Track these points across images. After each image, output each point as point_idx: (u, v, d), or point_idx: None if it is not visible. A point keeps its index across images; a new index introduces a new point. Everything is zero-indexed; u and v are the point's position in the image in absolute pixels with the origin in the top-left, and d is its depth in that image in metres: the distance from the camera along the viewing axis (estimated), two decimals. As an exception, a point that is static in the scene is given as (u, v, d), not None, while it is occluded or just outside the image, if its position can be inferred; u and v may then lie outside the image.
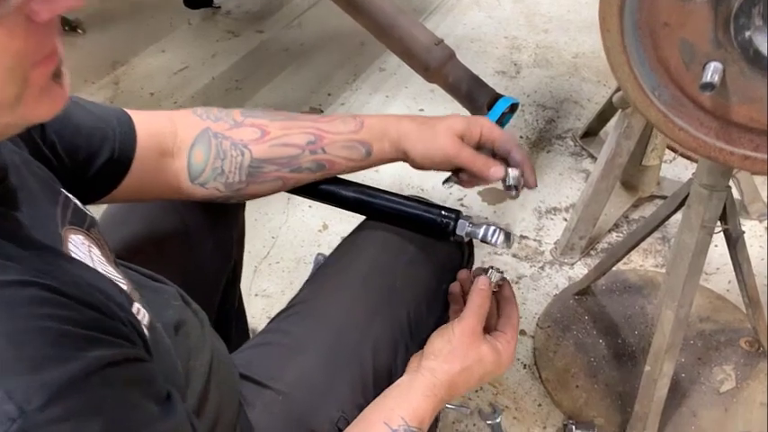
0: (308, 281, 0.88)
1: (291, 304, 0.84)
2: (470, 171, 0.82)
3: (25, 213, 0.54)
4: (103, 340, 0.46)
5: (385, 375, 0.79)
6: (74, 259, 0.56)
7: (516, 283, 1.56)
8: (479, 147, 0.83)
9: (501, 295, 0.80)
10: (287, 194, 0.90)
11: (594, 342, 1.42)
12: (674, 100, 0.66)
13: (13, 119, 0.46)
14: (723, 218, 1.11)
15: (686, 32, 0.62)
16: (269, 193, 0.86)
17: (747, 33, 0.58)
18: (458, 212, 0.83)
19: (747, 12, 0.57)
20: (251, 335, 1.38)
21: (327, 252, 1.61)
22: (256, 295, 1.58)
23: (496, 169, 0.80)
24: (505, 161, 0.83)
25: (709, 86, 0.60)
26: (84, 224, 0.63)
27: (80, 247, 0.60)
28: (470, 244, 0.90)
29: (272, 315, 1.50)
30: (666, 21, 0.61)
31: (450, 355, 0.72)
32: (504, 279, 0.79)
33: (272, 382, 0.74)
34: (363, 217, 0.93)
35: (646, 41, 0.64)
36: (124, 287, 0.62)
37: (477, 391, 1.37)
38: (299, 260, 1.65)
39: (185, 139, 0.81)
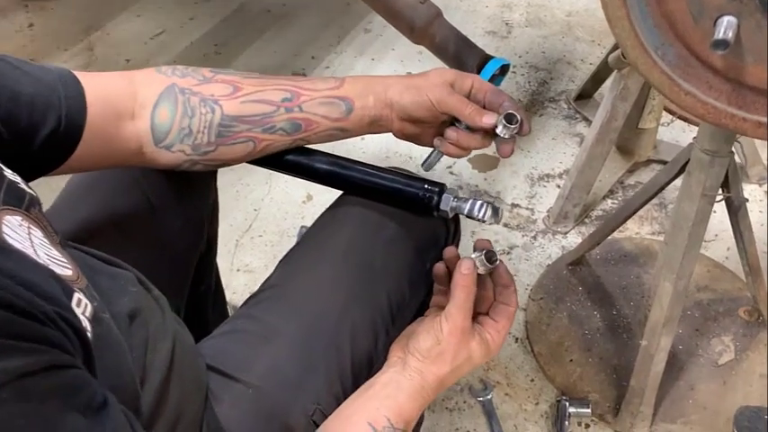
0: (281, 262, 0.81)
1: (263, 288, 0.78)
2: (461, 116, 0.74)
3: None
4: (15, 348, 0.40)
5: (365, 362, 0.74)
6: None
7: (508, 253, 1.51)
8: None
9: (498, 279, 0.72)
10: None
11: (589, 314, 1.37)
12: (680, 60, 0.59)
13: None
14: (725, 185, 1.05)
15: (696, -19, 0.54)
16: (239, 159, 0.79)
17: (767, -19, 0.51)
18: (442, 186, 0.77)
19: (768, -45, 0.50)
20: (230, 314, 1.32)
21: (311, 224, 1.57)
22: (238, 270, 1.52)
23: (489, 116, 0.73)
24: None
25: (721, 44, 0.53)
26: (22, 204, 0.57)
27: (17, 230, 0.53)
28: (456, 219, 0.84)
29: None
30: (673, -32, 0.54)
31: (440, 358, 0.67)
32: (497, 262, 0.71)
33: (242, 375, 0.68)
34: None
35: (649, -7, 0.56)
36: (68, 273, 0.56)
37: (467, 366, 1.32)
38: (283, 233, 1.59)
39: (148, 98, 0.73)
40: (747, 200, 1.10)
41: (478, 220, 0.73)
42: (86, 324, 0.51)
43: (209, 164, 0.79)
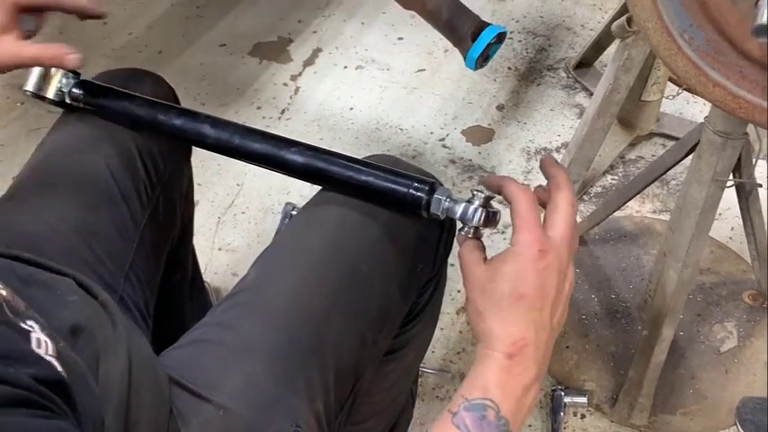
0: (257, 261, 0.74)
1: (236, 291, 0.71)
2: None
3: None
4: None
5: (350, 377, 0.68)
6: None
7: (503, 233, 1.44)
8: None
9: (510, 201, 0.62)
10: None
11: (586, 298, 1.31)
12: (710, 46, 0.51)
13: None
14: (737, 169, 0.98)
15: (735, -46, 0.46)
16: None
17: (824, -44, 0.43)
18: (432, 184, 0.68)
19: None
20: (213, 297, 1.26)
21: (298, 201, 1.50)
22: (220, 249, 1.45)
23: None
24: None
25: (763, 30, 0.45)
26: None
27: None
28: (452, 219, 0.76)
29: (238, 272, 1.40)
30: (708, -64, 0.46)
31: (478, 313, 0.59)
32: (486, 213, 0.64)
33: (212, 394, 0.62)
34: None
35: (677, -34, 0.48)
36: (2, 293, 0.49)
37: (458, 353, 1.27)
38: (267, 210, 1.52)
39: None
40: (761, 185, 1.03)
41: (473, 226, 0.65)
42: (57, 366, 0.45)
43: None
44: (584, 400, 1.15)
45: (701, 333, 1.25)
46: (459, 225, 0.68)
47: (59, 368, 0.46)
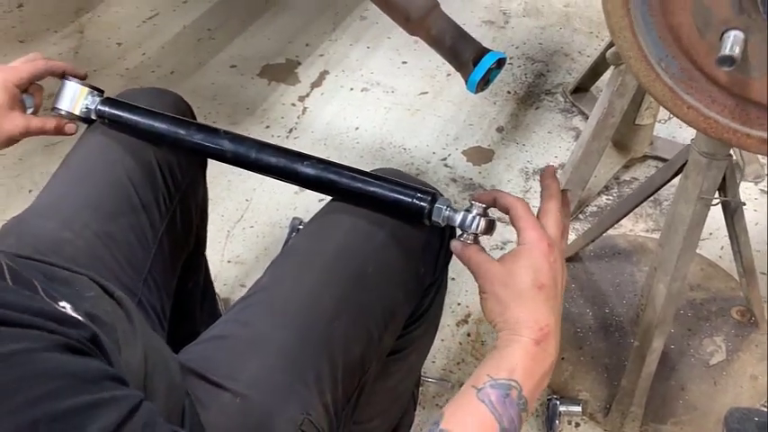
0: (271, 265, 0.80)
1: (252, 291, 0.76)
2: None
3: None
4: (99, 402, 0.42)
5: (357, 370, 0.73)
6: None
7: (502, 248, 1.50)
8: None
9: (509, 210, 0.70)
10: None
11: (581, 311, 1.37)
12: (683, 73, 0.57)
13: None
14: (722, 188, 1.04)
15: (702, -6, 0.53)
16: None
17: (777, -3, 0.49)
18: (434, 194, 0.74)
19: (779, -30, 0.48)
20: (222, 306, 1.31)
21: (304, 216, 1.56)
22: (229, 262, 1.50)
23: None
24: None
25: (727, 60, 0.51)
26: None
27: None
28: (452, 228, 0.82)
29: (246, 284, 1.46)
30: (679, -21, 0.52)
31: (501, 303, 0.65)
32: (485, 221, 0.71)
33: (230, 383, 0.67)
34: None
35: (653, 3, 0.54)
36: (37, 285, 0.54)
37: (458, 363, 1.32)
38: (275, 224, 1.58)
39: None
40: (744, 203, 1.09)
41: (473, 233, 0.71)
42: (93, 327, 0.51)
43: None
44: (578, 409, 1.20)
45: (691, 347, 1.30)
46: (458, 233, 0.74)
47: (96, 329, 0.51)
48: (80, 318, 0.51)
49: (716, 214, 1.19)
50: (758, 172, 1.61)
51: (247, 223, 1.58)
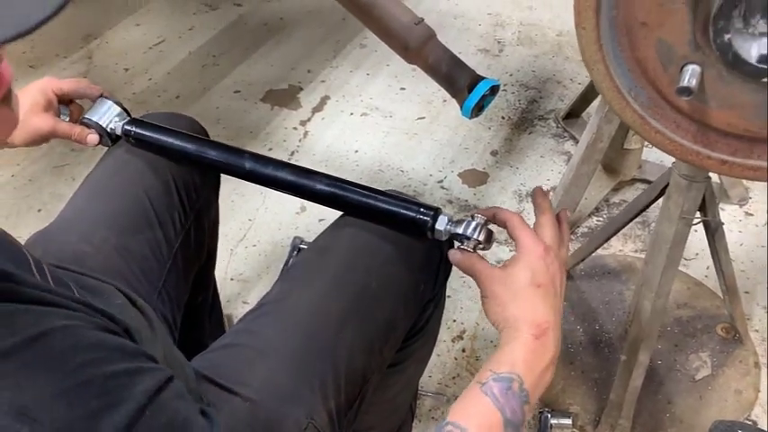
0: (280, 278, 0.85)
1: (262, 303, 0.81)
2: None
3: None
4: (140, 370, 0.48)
5: (359, 379, 0.77)
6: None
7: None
8: None
9: (506, 223, 0.76)
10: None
11: (572, 328, 1.41)
12: (650, 102, 0.64)
13: None
14: (702, 208, 1.10)
15: (664, 33, 0.59)
16: None
17: (727, 36, 0.56)
18: (437, 210, 0.80)
19: (727, 14, 0.54)
20: (226, 324, 1.36)
21: (305, 235, 1.61)
22: (232, 279, 1.55)
23: None
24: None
25: (685, 91, 0.57)
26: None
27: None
28: (450, 242, 0.87)
29: (248, 301, 1.51)
30: (644, 20, 0.58)
31: (502, 303, 0.70)
32: (486, 230, 0.77)
33: (240, 388, 0.72)
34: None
35: (623, 40, 0.61)
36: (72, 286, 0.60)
37: (453, 378, 1.36)
38: (277, 243, 1.63)
39: None
40: (723, 223, 1.14)
41: (475, 240, 0.76)
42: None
43: None
44: (569, 421, 1.24)
45: (677, 362, 1.35)
46: (456, 245, 0.79)
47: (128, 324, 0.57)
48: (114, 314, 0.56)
49: (702, 236, 1.25)
50: (742, 194, 1.67)
51: (250, 242, 1.64)
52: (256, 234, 1.65)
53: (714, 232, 1.16)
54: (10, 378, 0.43)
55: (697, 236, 1.39)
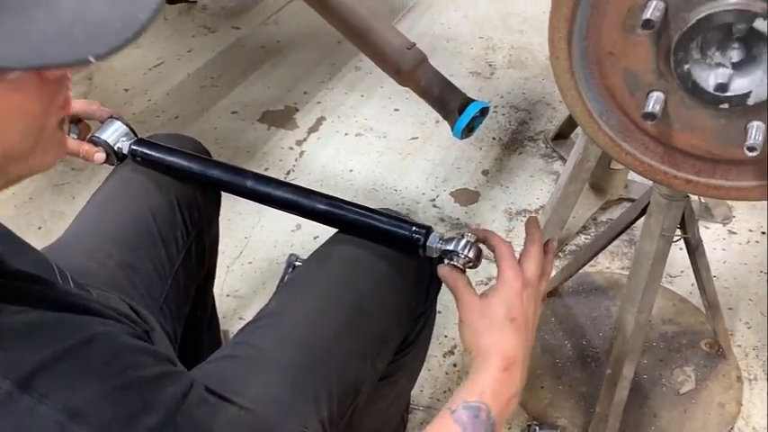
0: (276, 292, 0.89)
1: (260, 316, 0.85)
2: None
3: None
4: (168, 374, 0.52)
5: (351, 390, 0.80)
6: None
7: (486, 284, 1.59)
8: None
9: (494, 249, 0.80)
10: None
11: (560, 343, 1.45)
12: (620, 125, 0.68)
13: (23, 169, 0.48)
14: (682, 226, 1.14)
15: (630, 62, 0.64)
16: None
17: (686, 66, 0.60)
18: (428, 228, 0.84)
19: (686, 46, 0.59)
20: (223, 339, 1.39)
21: (300, 253, 1.64)
22: (228, 296, 1.59)
23: None
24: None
25: (650, 116, 0.62)
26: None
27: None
28: (441, 260, 0.91)
29: (244, 317, 1.54)
30: (611, 50, 0.63)
31: (475, 332, 0.74)
32: (475, 248, 0.81)
33: (237, 397, 0.74)
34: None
35: (593, 69, 0.66)
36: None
37: (444, 392, 1.39)
38: (272, 260, 1.66)
39: None
40: (702, 240, 1.18)
41: (464, 259, 0.80)
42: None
43: None
44: (556, 434, 1.27)
45: (662, 376, 1.38)
46: (446, 261, 0.83)
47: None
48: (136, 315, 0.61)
49: (686, 254, 1.29)
50: (726, 214, 1.71)
51: (246, 259, 1.67)
52: (252, 251, 1.69)
53: (695, 249, 1.20)
54: (64, 379, 0.46)
55: (681, 254, 1.43)
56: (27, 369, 0.45)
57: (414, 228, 0.84)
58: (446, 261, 0.82)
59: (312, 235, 1.68)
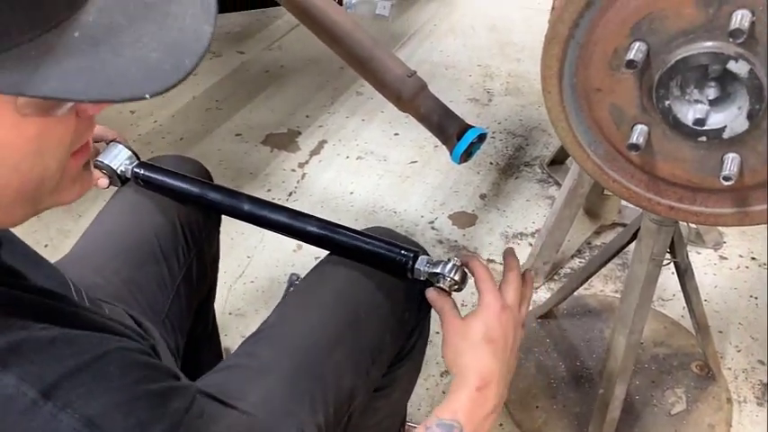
0: (277, 307, 0.93)
1: (261, 329, 0.89)
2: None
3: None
4: (172, 388, 0.55)
5: (345, 397, 0.84)
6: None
7: (471, 307, 1.62)
8: None
9: (474, 273, 0.84)
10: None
11: (555, 364, 1.48)
12: (607, 155, 0.73)
13: (48, 203, 0.52)
14: (672, 250, 1.18)
15: (616, 98, 0.68)
16: None
17: (667, 102, 0.65)
18: (416, 252, 0.88)
19: (666, 84, 0.64)
20: (224, 355, 1.42)
21: (301, 272, 1.68)
22: (230, 314, 1.62)
23: None
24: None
25: (634, 147, 0.67)
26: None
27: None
28: (431, 281, 0.95)
29: (246, 334, 1.56)
30: (599, 87, 0.68)
31: (456, 351, 0.78)
32: (461, 271, 0.85)
33: (238, 403, 0.78)
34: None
35: (582, 103, 0.70)
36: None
37: (441, 410, 1.42)
38: (274, 280, 1.70)
39: None
40: (690, 264, 1.23)
41: (450, 281, 0.84)
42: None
43: None
44: (550, 453, 1.30)
45: (654, 397, 1.41)
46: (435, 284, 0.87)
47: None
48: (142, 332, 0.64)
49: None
50: (717, 239, 1.75)
51: (248, 278, 1.71)
52: (254, 270, 1.72)
53: (684, 273, 1.24)
54: (84, 388, 0.50)
55: (674, 278, 1.47)
56: (50, 380, 0.48)
57: (402, 251, 0.88)
58: (435, 284, 0.87)
59: (313, 255, 1.72)
